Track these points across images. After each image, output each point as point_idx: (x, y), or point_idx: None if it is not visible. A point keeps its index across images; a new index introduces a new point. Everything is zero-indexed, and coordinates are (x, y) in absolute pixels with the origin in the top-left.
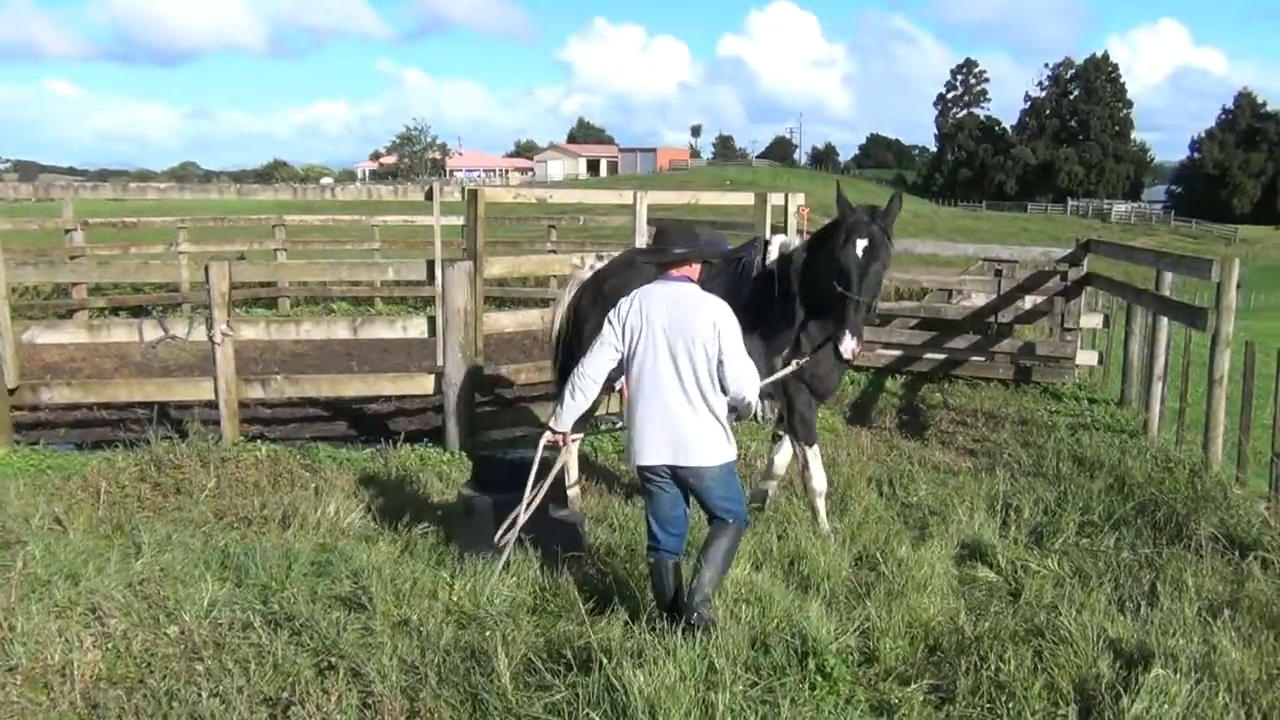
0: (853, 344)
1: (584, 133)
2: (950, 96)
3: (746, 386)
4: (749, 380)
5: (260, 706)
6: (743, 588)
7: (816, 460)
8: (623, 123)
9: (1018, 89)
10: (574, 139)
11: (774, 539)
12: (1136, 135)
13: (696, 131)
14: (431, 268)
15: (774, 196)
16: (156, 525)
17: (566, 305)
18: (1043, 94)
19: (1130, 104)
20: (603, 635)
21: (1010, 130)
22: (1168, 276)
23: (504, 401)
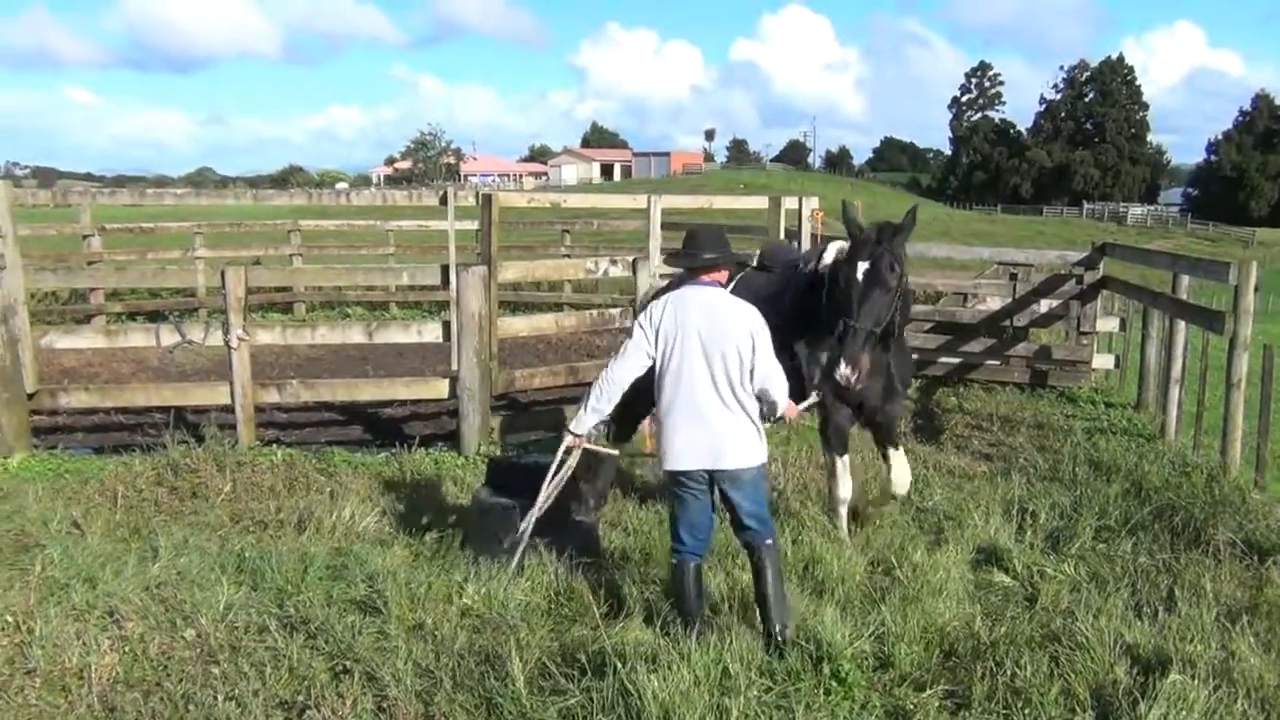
0: (846, 371)
1: (598, 137)
2: (965, 99)
3: (775, 389)
4: (778, 383)
5: (276, 710)
6: None
7: (845, 471)
8: (636, 127)
9: (1032, 92)
10: (588, 143)
11: (789, 544)
12: (1153, 138)
13: (710, 135)
14: (446, 272)
15: (788, 200)
16: (173, 529)
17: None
18: (1058, 96)
19: (1146, 106)
20: (617, 640)
21: (1025, 133)
22: (1184, 280)
23: (518, 405)
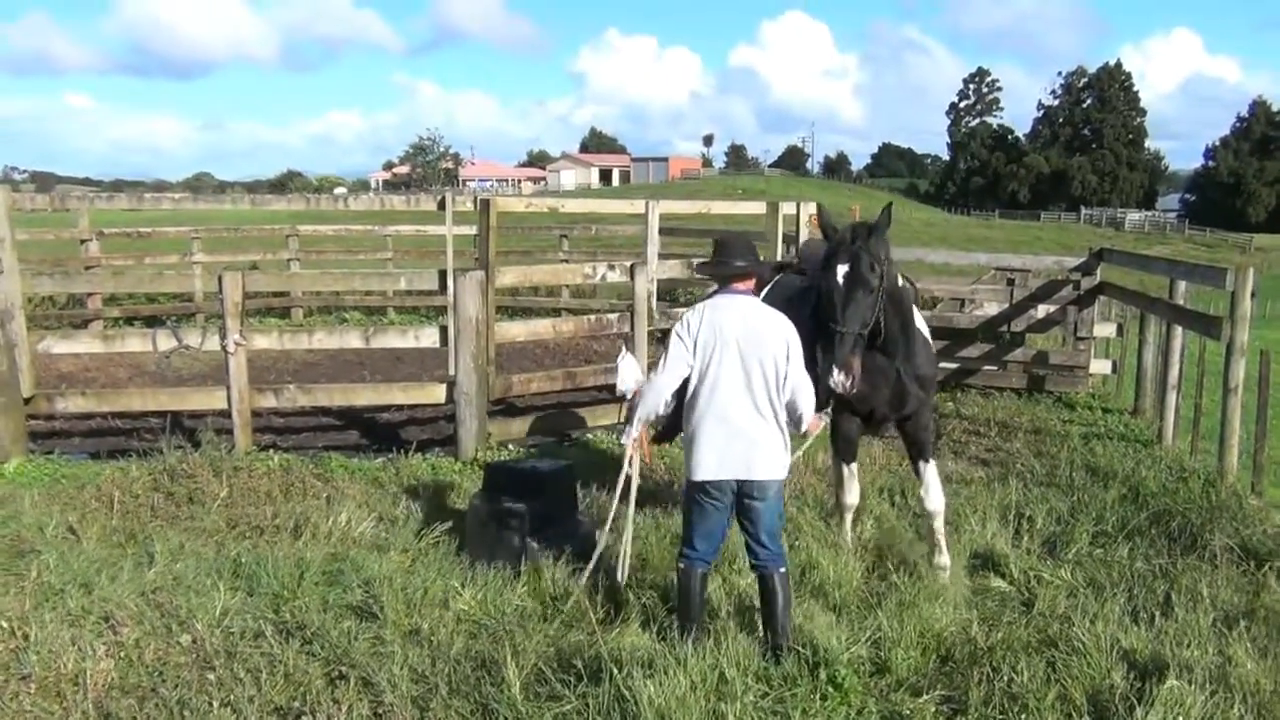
0: (838, 376)
1: (596, 142)
2: (963, 105)
3: (803, 399)
4: (806, 394)
5: (271, 716)
6: (754, 597)
7: (852, 478)
8: (635, 132)
9: (1030, 98)
10: (586, 148)
11: (785, 547)
12: (1150, 144)
13: (709, 141)
14: (444, 277)
15: (786, 205)
16: (169, 534)
17: None
18: (1056, 102)
19: (1144, 112)
20: (613, 645)
21: (1023, 139)
22: (1181, 285)
23: (516, 410)
